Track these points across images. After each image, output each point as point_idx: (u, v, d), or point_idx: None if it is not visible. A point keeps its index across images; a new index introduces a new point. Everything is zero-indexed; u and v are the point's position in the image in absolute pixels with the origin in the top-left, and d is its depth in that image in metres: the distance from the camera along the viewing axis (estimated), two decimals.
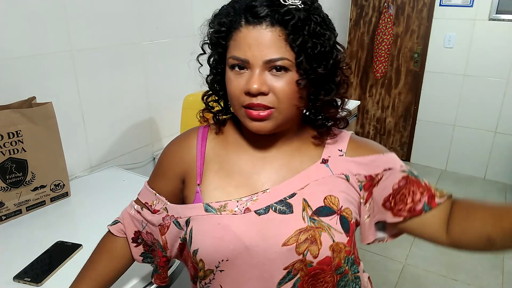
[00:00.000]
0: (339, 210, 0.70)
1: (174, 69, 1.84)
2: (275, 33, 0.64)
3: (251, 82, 0.64)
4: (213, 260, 0.69)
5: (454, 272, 2.36)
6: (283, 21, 0.64)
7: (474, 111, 3.38)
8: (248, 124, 0.68)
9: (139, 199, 0.84)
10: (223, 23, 0.68)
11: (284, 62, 0.64)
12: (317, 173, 0.72)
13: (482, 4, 3.13)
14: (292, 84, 0.66)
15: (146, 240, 0.82)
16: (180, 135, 0.84)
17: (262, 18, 0.64)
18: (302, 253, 0.66)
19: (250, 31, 0.65)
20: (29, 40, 1.27)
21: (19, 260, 0.99)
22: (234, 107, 0.70)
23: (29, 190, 1.21)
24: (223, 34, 0.69)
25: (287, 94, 0.66)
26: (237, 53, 0.66)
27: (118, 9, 1.54)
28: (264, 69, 0.65)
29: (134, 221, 0.82)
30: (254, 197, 0.70)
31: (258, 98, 0.65)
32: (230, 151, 0.77)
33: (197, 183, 0.75)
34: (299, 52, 0.64)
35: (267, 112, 0.66)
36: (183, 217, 0.73)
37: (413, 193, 0.73)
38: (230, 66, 0.68)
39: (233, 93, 0.68)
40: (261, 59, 0.64)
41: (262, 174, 0.74)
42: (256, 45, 0.64)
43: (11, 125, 1.13)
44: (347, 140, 0.77)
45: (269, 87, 0.65)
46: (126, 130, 1.69)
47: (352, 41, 3.77)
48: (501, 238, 0.64)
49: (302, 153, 0.75)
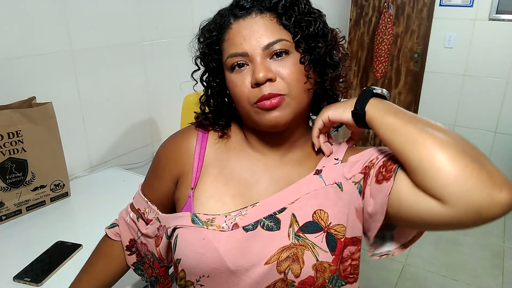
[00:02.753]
0: (326, 226, 0.65)
1: (174, 69, 1.84)
2: (266, 18, 0.64)
3: (256, 71, 0.62)
4: (194, 274, 0.67)
5: (454, 272, 2.36)
6: (271, 6, 0.64)
7: (474, 111, 3.38)
8: (263, 119, 0.65)
9: (133, 205, 0.83)
10: (213, 28, 0.68)
11: (283, 43, 0.63)
12: (308, 185, 0.69)
13: (482, 4, 3.13)
14: (296, 65, 0.64)
15: (140, 250, 0.81)
16: (177, 134, 0.80)
17: (250, 8, 0.64)
18: (284, 271, 0.62)
19: (241, 24, 0.64)
20: (29, 40, 1.27)
21: (19, 260, 0.99)
22: (244, 109, 0.67)
23: (29, 190, 1.21)
24: (214, 39, 0.68)
25: (294, 76, 0.64)
26: (234, 49, 0.64)
27: (118, 9, 1.54)
28: (265, 57, 0.63)
29: (130, 229, 0.81)
30: (243, 211, 0.67)
31: (267, 88, 0.63)
32: (231, 156, 0.74)
33: (191, 187, 0.72)
34: (296, 31, 0.64)
35: (279, 98, 0.63)
36: (171, 226, 0.71)
37: (389, 159, 0.66)
38: (230, 68, 0.66)
39: (241, 93, 0.65)
40: (259, 47, 0.63)
41: (261, 184, 0.71)
42: (251, 35, 0.63)
43: (11, 125, 1.13)
44: (345, 149, 0.73)
45: (274, 73, 0.63)
46: (126, 130, 1.69)
47: (352, 41, 3.77)
48: None
49: (302, 165, 0.72)
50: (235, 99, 0.68)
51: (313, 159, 0.73)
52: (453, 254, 2.50)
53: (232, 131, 0.77)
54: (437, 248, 2.56)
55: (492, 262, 2.45)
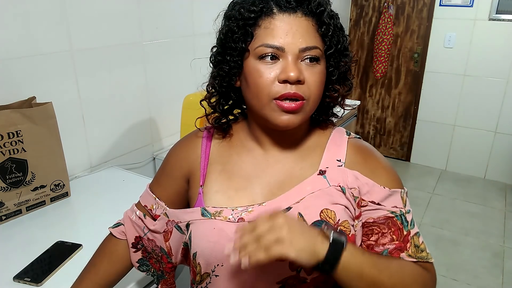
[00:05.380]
0: (336, 224, 0.67)
1: (174, 69, 1.84)
2: (309, 22, 0.65)
3: (289, 69, 0.62)
4: (210, 264, 0.69)
5: (454, 272, 2.36)
6: (316, 12, 0.65)
7: (474, 111, 3.38)
8: (276, 118, 0.65)
9: (140, 202, 0.84)
10: (253, 10, 0.65)
11: (317, 51, 0.65)
12: (313, 185, 0.70)
13: (482, 4, 3.13)
14: (322, 75, 0.67)
15: (146, 247, 0.82)
16: (185, 137, 0.84)
17: (297, 6, 0.65)
18: (296, 269, 0.65)
19: (286, 18, 0.64)
20: (29, 40, 1.27)
21: (19, 260, 1.00)
22: (259, 102, 0.66)
23: (29, 190, 1.21)
24: (251, 22, 0.65)
25: (318, 85, 0.66)
26: (271, 40, 0.63)
27: (118, 9, 1.54)
28: (297, 58, 0.64)
29: (135, 227, 0.82)
30: (250, 208, 0.69)
31: (293, 87, 0.63)
32: (233, 153, 0.76)
33: (200, 184, 0.75)
34: (330, 43, 0.66)
35: (299, 103, 0.64)
36: (182, 221, 0.74)
37: (382, 235, 0.68)
38: (259, 56, 0.64)
39: (264, 84, 0.64)
40: (297, 47, 0.63)
41: (262, 178, 0.73)
42: (292, 32, 0.63)
43: (11, 125, 1.13)
44: (345, 146, 0.74)
45: (303, 76, 0.64)
46: (126, 130, 1.69)
47: (352, 41, 3.77)
48: None
49: (304, 159, 0.73)
50: (253, 89, 0.66)
51: (314, 154, 0.74)
52: (453, 254, 2.50)
53: (235, 128, 0.79)
54: (437, 248, 2.56)
55: (492, 262, 2.44)
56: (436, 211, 3.00)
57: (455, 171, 3.60)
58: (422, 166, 3.71)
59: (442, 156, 3.63)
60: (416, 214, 2.96)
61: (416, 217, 3.02)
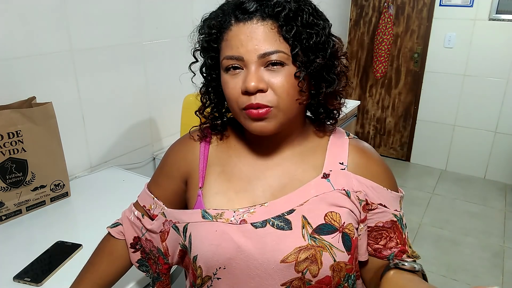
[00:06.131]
0: (341, 227, 0.67)
1: (174, 69, 1.84)
2: (267, 26, 0.62)
3: (248, 80, 0.62)
4: (211, 267, 0.68)
5: (454, 272, 2.36)
6: (274, 14, 0.62)
7: (474, 111, 3.38)
8: (249, 126, 0.66)
9: (138, 202, 0.84)
10: (213, 25, 0.67)
11: (280, 55, 0.62)
12: (317, 188, 0.69)
13: (482, 4, 3.13)
14: (290, 78, 0.63)
15: (145, 247, 0.81)
16: (184, 136, 0.83)
17: (252, 13, 0.63)
18: (302, 271, 0.65)
19: (241, 28, 0.63)
20: (29, 40, 1.27)
21: (19, 260, 1.00)
22: (233, 111, 0.68)
23: (29, 190, 1.21)
24: (214, 37, 0.67)
25: (286, 89, 0.63)
26: (230, 52, 0.64)
27: (118, 9, 1.54)
28: (259, 65, 0.63)
29: (134, 227, 0.82)
30: (252, 209, 0.69)
31: (256, 97, 0.63)
32: (232, 155, 0.76)
33: (199, 186, 0.75)
34: (294, 44, 0.62)
35: (264, 110, 0.63)
36: (181, 222, 0.73)
37: (390, 239, 0.72)
38: (225, 69, 0.66)
39: (231, 96, 0.65)
40: (255, 54, 0.62)
41: (263, 180, 0.72)
42: (249, 40, 0.62)
43: (11, 125, 1.13)
44: (347, 148, 0.74)
45: (266, 83, 0.63)
46: (126, 130, 1.69)
47: (352, 41, 3.77)
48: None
49: (305, 161, 0.73)
50: (227, 99, 0.68)
51: (315, 156, 0.74)
52: (453, 254, 2.50)
53: (231, 131, 0.79)
54: (437, 248, 2.56)
55: (492, 262, 2.44)
56: (436, 211, 3.00)
57: (455, 171, 3.60)
58: (422, 166, 3.71)
59: (442, 156, 3.63)
60: (416, 214, 2.96)
61: (416, 217, 3.04)
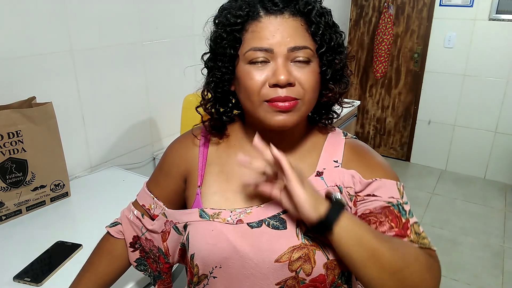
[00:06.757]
0: None
1: (174, 69, 1.84)
2: (298, 22, 0.64)
3: (278, 73, 0.62)
4: (207, 266, 0.69)
5: (454, 272, 2.36)
6: (305, 12, 0.64)
7: (474, 111, 3.38)
8: (271, 118, 0.65)
9: (137, 201, 0.84)
10: (239, 15, 0.65)
11: (307, 51, 0.64)
12: None
13: (482, 4, 3.13)
14: (315, 75, 0.66)
15: (144, 246, 0.82)
16: (183, 135, 0.83)
17: (284, 7, 0.64)
18: (295, 270, 0.65)
19: (272, 21, 0.64)
20: (29, 40, 1.27)
21: (19, 260, 1.00)
22: (252, 103, 0.66)
23: (29, 190, 1.21)
24: (238, 27, 0.65)
25: (312, 84, 0.65)
26: (258, 43, 0.63)
27: (118, 9, 1.54)
28: (287, 59, 0.64)
29: (133, 226, 0.82)
30: (248, 209, 0.69)
31: (284, 90, 0.63)
32: (231, 153, 0.76)
33: (198, 185, 0.75)
34: (321, 42, 0.65)
35: (293, 102, 0.64)
36: (180, 222, 0.73)
37: (380, 223, 0.66)
38: (249, 61, 0.65)
39: (254, 87, 0.64)
40: (285, 46, 0.63)
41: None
42: (280, 33, 0.63)
43: (11, 125, 1.13)
44: (342, 147, 0.74)
45: (294, 78, 0.64)
46: (126, 130, 1.69)
47: (352, 41, 3.77)
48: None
49: (302, 161, 0.73)
50: (245, 92, 0.66)
51: (311, 155, 0.74)
52: (453, 254, 2.50)
53: (232, 129, 0.79)
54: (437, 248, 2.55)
55: (492, 262, 2.44)
56: (436, 211, 3.00)
57: (455, 171, 3.60)
58: (422, 166, 3.71)
59: (442, 156, 3.63)
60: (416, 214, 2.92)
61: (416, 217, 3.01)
